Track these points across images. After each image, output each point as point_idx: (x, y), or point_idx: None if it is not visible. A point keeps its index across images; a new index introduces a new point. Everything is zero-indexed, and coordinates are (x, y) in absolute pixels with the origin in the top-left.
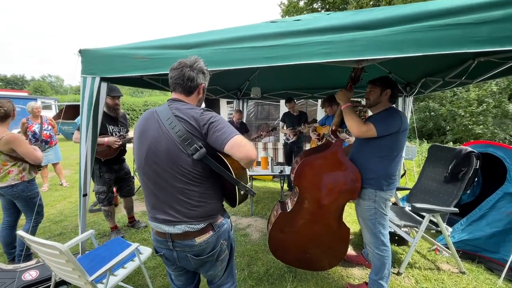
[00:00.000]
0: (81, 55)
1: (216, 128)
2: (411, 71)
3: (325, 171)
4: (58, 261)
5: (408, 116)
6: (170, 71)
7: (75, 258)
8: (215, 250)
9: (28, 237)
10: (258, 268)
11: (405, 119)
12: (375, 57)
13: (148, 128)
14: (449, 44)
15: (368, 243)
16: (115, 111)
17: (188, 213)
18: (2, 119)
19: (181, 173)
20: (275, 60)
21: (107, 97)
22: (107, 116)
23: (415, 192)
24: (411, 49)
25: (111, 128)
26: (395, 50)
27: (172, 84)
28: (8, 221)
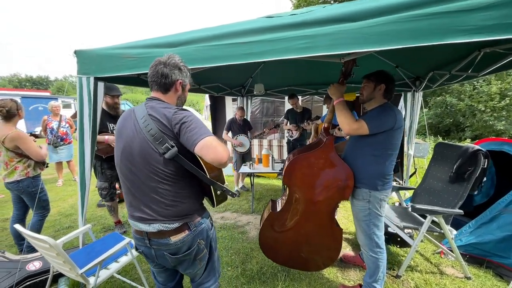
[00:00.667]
0: (76, 56)
1: (188, 128)
2: (418, 64)
3: (315, 170)
4: (50, 254)
5: (417, 112)
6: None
7: (64, 252)
8: (191, 249)
9: (23, 230)
10: (252, 266)
11: (400, 116)
12: (357, 50)
13: (125, 127)
14: (437, 34)
15: (362, 245)
16: (115, 109)
17: (162, 212)
18: (6, 118)
19: (154, 172)
20: (252, 56)
21: (107, 96)
22: (107, 114)
23: (419, 192)
24: (396, 41)
25: (112, 126)
26: (379, 43)
27: (149, 83)
28: (17, 214)
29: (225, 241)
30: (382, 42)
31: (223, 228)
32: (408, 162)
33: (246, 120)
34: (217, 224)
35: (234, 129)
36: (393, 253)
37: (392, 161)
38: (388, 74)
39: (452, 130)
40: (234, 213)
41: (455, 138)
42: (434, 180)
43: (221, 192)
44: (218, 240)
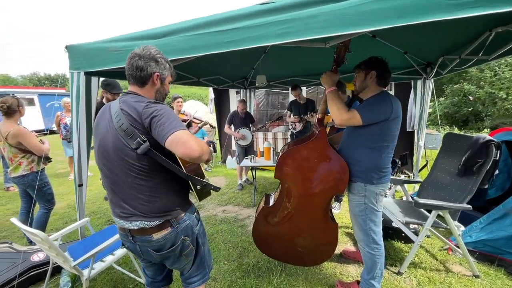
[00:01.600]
0: (68, 51)
1: (159, 122)
2: (428, 49)
3: (307, 163)
4: (44, 247)
5: (428, 101)
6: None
7: (55, 244)
8: (175, 246)
9: (18, 224)
10: (249, 260)
11: (397, 105)
12: (339, 33)
13: (100, 123)
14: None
15: (359, 240)
16: None
17: (141, 208)
18: (7, 114)
19: (128, 167)
20: (231, 44)
21: (108, 93)
22: None
23: (426, 185)
24: (382, 21)
25: None
26: (363, 24)
27: (126, 76)
28: (24, 207)
29: (224, 234)
30: (366, 23)
31: (224, 221)
32: (418, 154)
33: (248, 113)
34: (218, 218)
35: (236, 122)
36: (396, 248)
37: (389, 153)
38: (378, 59)
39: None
40: (236, 206)
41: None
42: (442, 173)
43: (202, 187)
44: (218, 234)
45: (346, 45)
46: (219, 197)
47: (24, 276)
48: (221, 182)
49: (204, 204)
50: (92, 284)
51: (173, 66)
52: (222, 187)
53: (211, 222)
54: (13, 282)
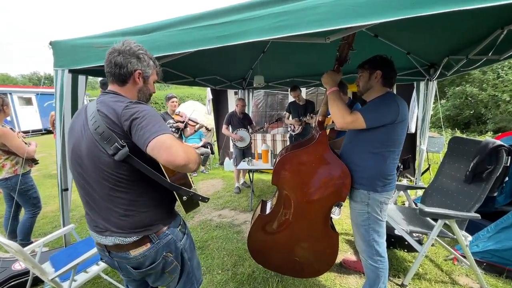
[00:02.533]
0: (52, 48)
1: (140, 125)
2: (433, 49)
3: (307, 168)
4: (20, 258)
5: (431, 103)
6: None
7: (30, 257)
8: (156, 263)
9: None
10: (244, 270)
11: (404, 107)
12: (342, 26)
13: (74, 126)
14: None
15: (361, 252)
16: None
17: (117, 223)
18: None
19: (104, 177)
20: (224, 39)
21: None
22: None
23: (431, 192)
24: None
25: None
26: (367, 16)
27: (106, 74)
28: (8, 211)
29: (219, 241)
30: (371, 15)
31: (219, 227)
32: (421, 157)
33: (246, 114)
34: (213, 223)
35: (234, 123)
36: (399, 258)
37: (394, 159)
38: (384, 59)
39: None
40: (232, 210)
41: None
42: (448, 179)
43: (188, 198)
44: (212, 240)
45: (349, 42)
46: (216, 200)
47: (4, 286)
48: (218, 184)
49: (199, 208)
50: None
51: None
52: (219, 189)
53: (206, 227)
54: None
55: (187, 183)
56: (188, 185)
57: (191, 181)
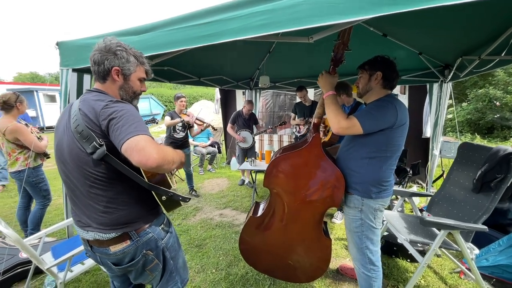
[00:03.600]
0: (58, 48)
1: (116, 125)
2: (446, 49)
3: (299, 172)
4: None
5: (445, 105)
6: None
7: (28, 247)
8: (135, 260)
9: None
10: (237, 270)
11: (403, 110)
12: (321, 23)
13: (59, 124)
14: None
15: (354, 259)
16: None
17: (97, 219)
18: (5, 110)
19: (83, 175)
20: (209, 38)
21: None
22: None
23: (437, 200)
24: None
25: None
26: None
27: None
28: (22, 202)
29: (217, 240)
30: (356, 11)
31: (219, 226)
32: (433, 163)
33: (253, 114)
34: (213, 222)
35: (239, 123)
36: (400, 268)
37: (391, 165)
38: (385, 59)
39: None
40: (234, 210)
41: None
42: (456, 187)
43: (168, 198)
44: (211, 239)
45: (344, 42)
46: (218, 200)
47: (10, 272)
48: (223, 184)
49: (201, 206)
50: (76, 285)
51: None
52: (223, 189)
53: (206, 226)
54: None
55: (165, 183)
56: (167, 185)
57: (172, 181)
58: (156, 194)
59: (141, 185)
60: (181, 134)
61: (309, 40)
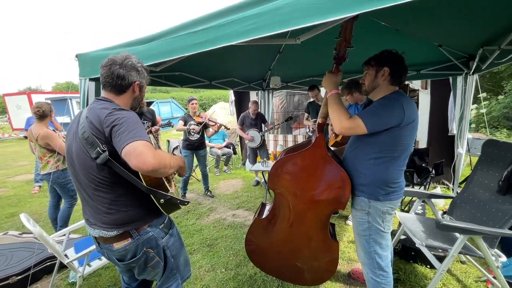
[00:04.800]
0: (77, 59)
1: (118, 131)
2: (466, 39)
3: (303, 173)
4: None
5: (470, 99)
6: (100, 68)
7: (51, 242)
8: (137, 257)
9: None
10: (246, 271)
11: (410, 108)
12: (308, 24)
13: (69, 131)
14: None
15: (362, 264)
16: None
17: (101, 219)
18: (41, 118)
19: (89, 178)
20: (202, 45)
21: None
22: None
23: (459, 202)
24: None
25: None
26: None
27: (101, 83)
28: (52, 201)
29: (228, 240)
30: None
31: (231, 226)
32: (459, 162)
33: (260, 114)
34: (226, 222)
35: (247, 123)
36: (419, 274)
37: (399, 165)
38: (392, 54)
39: None
40: (247, 211)
41: None
42: (480, 188)
43: (165, 201)
44: (222, 239)
45: (346, 39)
46: (232, 200)
47: (39, 266)
48: (238, 184)
49: (216, 207)
50: (97, 279)
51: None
52: (238, 190)
53: (218, 226)
54: (29, 272)
55: (163, 186)
56: (164, 189)
57: (170, 185)
58: (154, 197)
59: (141, 188)
60: (196, 136)
61: (296, 41)
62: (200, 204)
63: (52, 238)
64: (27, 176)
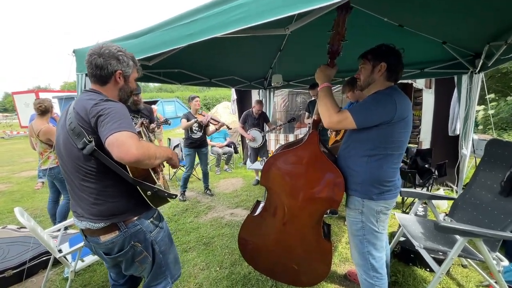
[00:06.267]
0: (75, 55)
1: (103, 121)
2: (472, 35)
3: (295, 170)
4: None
5: (475, 98)
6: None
7: (42, 235)
8: (124, 251)
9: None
10: (241, 270)
11: (403, 103)
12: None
13: (59, 123)
14: None
15: (356, 265)
16: (135, 106)
17: (89, 210)
18: (43, 113)
19: (76, 168)
20: (192, 37)
21: None
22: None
23: (461, 204)
24: None
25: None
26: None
27: (87, 74)
28: (52, 197)
29: (224, 239)
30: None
31: (228, 225)
32: (463, 163)
33: (263, 113)
34: (223, 221)
35: (249, 123)
36: (417, 277)
37: (393, 163)
38: (390, 48)
39: None
40: (245, 210)
41: None
42: (482, 189)
43: (153, 193)
44: (218, 237)
45: (340, 32)
46: (231, 199)
47: (35, 260)
48: (238, 183)
49: (214, 205)
50: (91, 274)
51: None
52: (237, 188)
53: (216, 224)
54: (24, 266)
55: (150, 179)
56: (151, 181)
57: (158, 177)
58: (141, 189)
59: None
60: (199, 134)
61: (286, 31)
62: (199, 202)
63: (47, 233)
64: (31, 173)
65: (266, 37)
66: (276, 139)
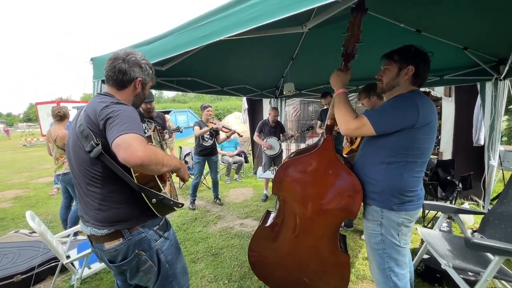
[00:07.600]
0: (92, 63)
1: (111, 124)
2: (497, 40)
3: (309, 178)
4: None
5: (502, 107)
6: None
7: (50, 240)
8: (128, 259)
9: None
10: (250, 284)
11: (426, 107)
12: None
13: (71, 126)
14: None
15: (377, 283)
16: (148, 113)
17: (93, 215)
18: (61, 119)
19: (83, 172)
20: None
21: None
22: (142, 116)
23: (492, 219)
24: None
25: (144, 125)
26: None
27: (105, 77)
28: (65, 202)
29: (233, 250)
30: None
31: (238, 235)
32: (490, 176)
33: (279, 123)
34: (233, 231)
35: (265, 131)
36: None
37: (415, 171)
38: (419, 51)
39: None
40: (255, 221)
41: None
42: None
43: (158, 201)
44: (228, 248)
45: (355, 34)
46: (241, 209)
47: (44, 265)
48: (248, 193)
49: (224, 215)
50: (98, 283)
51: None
52: (248, 198)
53: (225, 235)
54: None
55: (155, 186)
56: (157, 189)
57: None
58: (146, 196)
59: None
60: (210, 142)
61: (303, 29)
62: (208, 212)
63: (56, 238)
64: (48, 179)
65: (279, 46)
66: (288, 148)
